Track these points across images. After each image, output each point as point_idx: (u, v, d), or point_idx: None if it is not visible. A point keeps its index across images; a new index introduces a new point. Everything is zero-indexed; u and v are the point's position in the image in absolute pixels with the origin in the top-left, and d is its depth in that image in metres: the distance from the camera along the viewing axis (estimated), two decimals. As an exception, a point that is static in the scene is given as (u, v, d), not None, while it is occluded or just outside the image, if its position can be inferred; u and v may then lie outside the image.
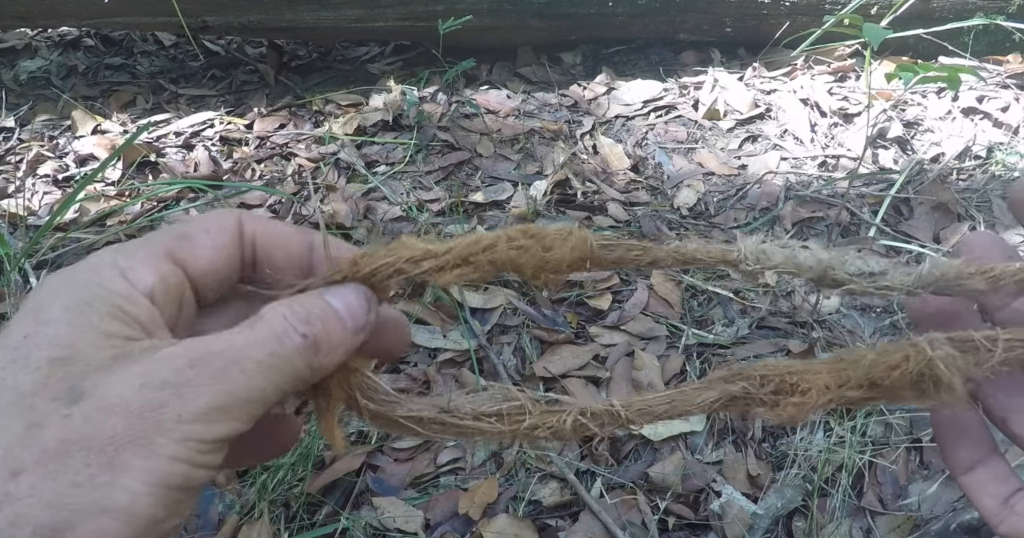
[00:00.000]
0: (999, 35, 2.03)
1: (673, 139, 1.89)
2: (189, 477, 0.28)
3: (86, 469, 0.27)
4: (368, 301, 0.36)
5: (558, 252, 0.36)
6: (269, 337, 0.32)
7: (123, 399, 0.28)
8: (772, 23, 2.08)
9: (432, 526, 1.08)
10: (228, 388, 0.30)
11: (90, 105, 2.10)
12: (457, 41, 1.95)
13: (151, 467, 0.27)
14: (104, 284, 0.31)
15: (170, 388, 0.29)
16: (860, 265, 0.37)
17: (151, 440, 0.28)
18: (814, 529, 1.06)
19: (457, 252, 0.36)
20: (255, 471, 1.13)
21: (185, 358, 0.30)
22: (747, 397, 0.36)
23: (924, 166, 1.73)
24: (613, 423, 0.37)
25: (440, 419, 0.36)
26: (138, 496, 0.27)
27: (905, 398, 0.36)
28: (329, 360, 0.34)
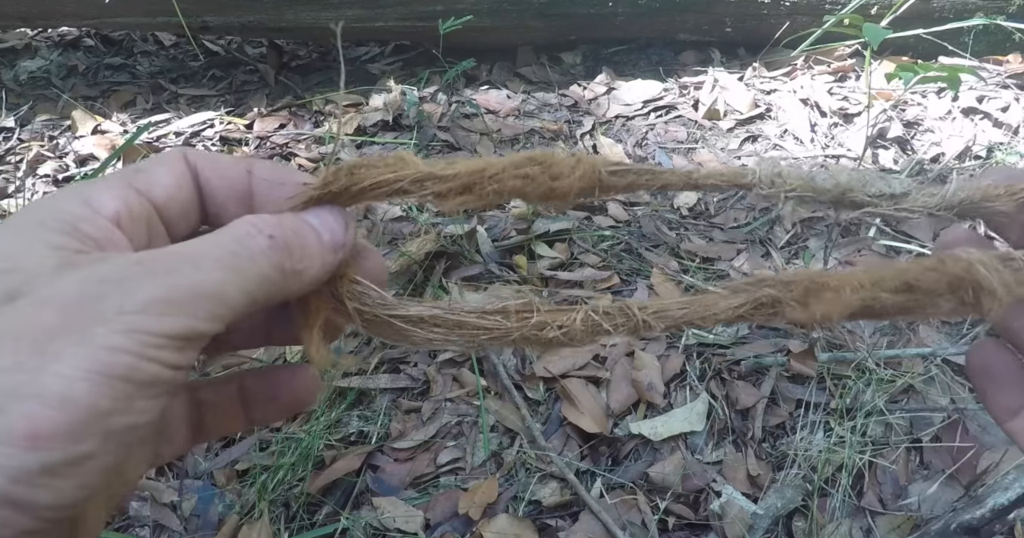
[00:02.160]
0: (999, 35, 2.03)
1: (673, 139, 1.89)
2: (137, 369, 0.26)
3: (12, 355, 0.25)
4: (344, 218, 0.35)
5: (566, 182, 0.35)
6: (230, 238, 0.30)
7: (59, 293, 0.27)
8: (772, 23, 2.08)
9: (432, 526, 1.08)
10: (176, 281, 0.28)
11: (90, 105, 2.10)
12: (457, 41, 1.95)
13: (87, 354, 0.26)
14: (60, 207, 0.30)
15: (111, 283, 0.27)
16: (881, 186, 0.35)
17: (88, 329, 0.26)
18: (814, 529, 1.06)
19: (462, 178, 0.34)
20: (255, 471, 1.13)
21: (135, 257, 0.29)
22: (774, 302, 0.34)
23: (924, 166, 1.73)
24: (627, 324, 0.34)
25: (440, 318, 0.34)
26: (72, 381, 0.25)
27: (942, 307, 0.34)
28: (304, 267, 0.32)
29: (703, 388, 1.24)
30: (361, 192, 0.34)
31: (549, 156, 0.35)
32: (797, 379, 1.25)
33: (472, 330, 0.34)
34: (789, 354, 1.27)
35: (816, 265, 1.44)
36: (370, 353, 1.31)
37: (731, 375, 1.26)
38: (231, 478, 1.15)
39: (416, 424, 1.22)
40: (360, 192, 0.34)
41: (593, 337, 0.35)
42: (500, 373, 1.25)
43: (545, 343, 0.34)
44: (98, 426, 0.26)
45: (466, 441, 1.19)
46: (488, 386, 1.26)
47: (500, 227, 1.55)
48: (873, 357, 1.24)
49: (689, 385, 1.25)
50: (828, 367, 1.24)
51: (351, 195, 0.35)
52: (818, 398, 1.21)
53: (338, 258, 0.34)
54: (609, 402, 1.22)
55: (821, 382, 1.24)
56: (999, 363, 0.39)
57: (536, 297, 0.35)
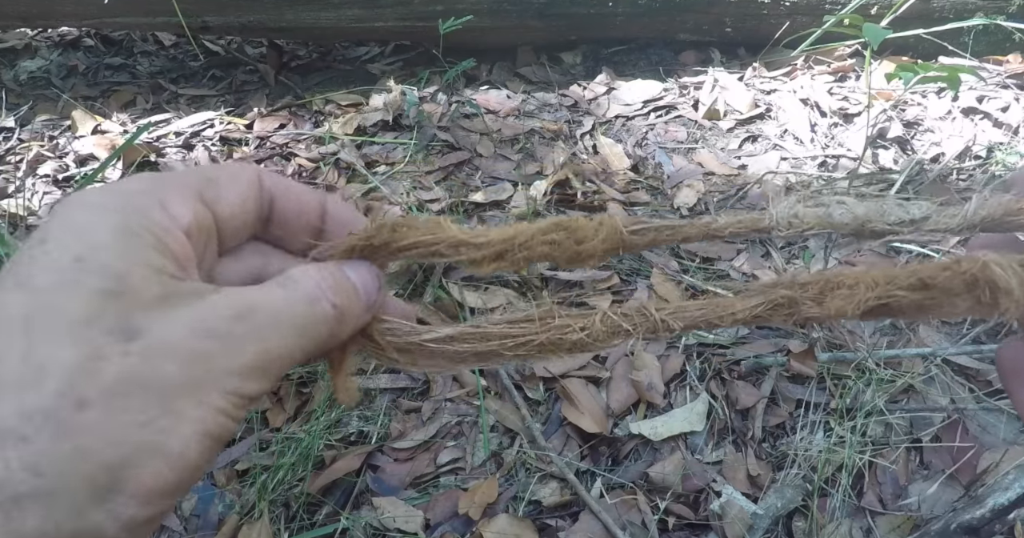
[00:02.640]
0: (999, 35, 2.03)
1: (673, 139, 1.89)
2: (227, 429, 0.29)
3: (147, 410, 0.27)
4: (379, 280, 0.36)
5: (590, 245, 0.36)
6: (304, 300, 0.32)
7: (177, 343, 0.28)
8: (772, 23, 2.08)
9: (432, 526, 1.08)
10: (268, 347, 0.30)
11: (90, 105, 2.10)
12: (457, 41, 1.95)
13: (201, 416, 0.28)
14: (147, 214, 0.30)
15: (217, 339, 0.29)
16: (900, 213, 0.35)
17: (202, 390, 0.28)
18: (814, 529, 1.06)
19: (494, 247, 0.36)
20: (255, 471, 1.13)
21: (232, 310, 0.30)
22: (791, 302, 0.35)
23: (924, 166, 1.73)
24: (646, 324, 0.36)
25: (468, 333, 0.36)
26: (189, 444, 0.27)
27: (959, 307, 0.34)
28: (347, 332, 0.35)
29: (703, 388, 1.24)
30: (399, 250, 0.36)
31: (573, 222, 0.37)
32: (797, 379, 1.25)
33: (500, 340, 0.36)
34: (789, 354, 1.27)
35: (816, 265, 1.44)
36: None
37: (731, 375, 1.26)
38: (231, 478, 1.15)
39: (416, 424, 1.22)
40: (398, 250, 0.36)
41: (614, 338, 0.36)
42: (500, 373, 1.25)
43: (569, 346, 0.36)
44: (191, 481, 0.28)
45: (466, 441, 1.19)
46: (488, 386, 1.26)
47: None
48: (873, 357, 1.24)
49: (689, 385, 1.25)
50: (828, 367, 1.24)
51: (389, 251, 0.36)
52: (818, 398, 1.21)
53: (369, 317, 0.36)
54: (609, 402, 1.22)
55: (821, 382, 1.24)
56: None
57: (554, 305, 0.36)
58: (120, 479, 0.26)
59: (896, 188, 1.63)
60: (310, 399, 1.25)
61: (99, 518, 0.26)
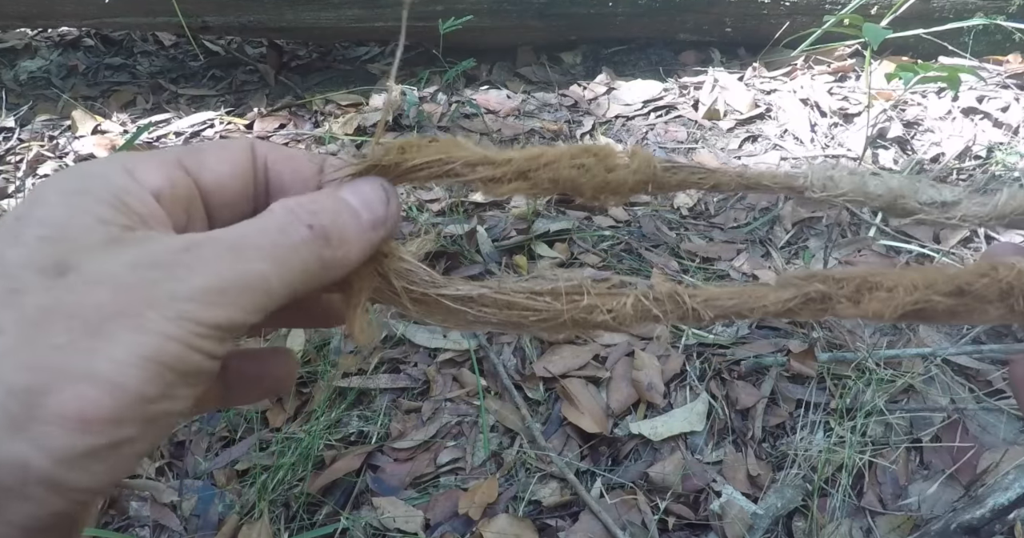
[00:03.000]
0: (999, 35, 2.03)
1: (673, 139, 1.89)
2: (183, 358, 0.26)
3: (67, 334, 0.25)
4: (387, 193, 0.34)
5: (621, 174, 0.34)
6: (272, 227, 0.30)
7: (112, 274, 0.27)
8: (772, 23, 2.08)
9: (432, 526, 1.08)
10: (224, 271, 0.28)
11: (90, 105, 2.10)
12: (457, 41, 1.95)
13: (139, 340, 0.26)
14: (106, 176, 0.30)
15: (163, 268, 0.27)
16: (932, 194, 0.35)
17: (141, 313, 0.26)
18: (814, 529, 1.06)
19: (517, 164, 0.33)
20: (255, 471, 1.13)
21: (182, 241, 0.28)
22: (824, 298, 0.34)
23: (924, 166, 1.73)
24: (677, 311, 0.34)
25: (489, 298, 0.33)
26: (123, 366, 0.25)
27: (991, 314, 0.33)
28: (344, 254, 0.32)
29: (703, 388, 1.24)
30: (410, 171, 0.34)
31: (605, 148, 0.34)
32: (797, 379, 1.25)
33: (521, 311, 0.33)
34: (789, 354, 1.27)
35: (816, 265, 1.44)
36: (370, 353, 1.31)
37: (731, 375, 1.26)
38: (231, 478, 1.15)
39: (416, 424, 1.22)
40: (409, 171, 0.34)
41: (642, 322, 0.34)
42: (500, 373, 1.25)
43: (594, 326, 0.34)
44: (141, 412, 0.26)
45: (466, 441, 1.19)
46: (488, 386, 1.26)
47: (500, 227, 1.55)
48: (873, 357, 1.24)
49: (689, 385, 1.25)
50: (828, 367, 1.24)
51: (398, 174, 0.34)
52: (818, 398, 1.21)
53: (380, 236, 0.33)
54: (609, 402, 1.22)
55: (821, 382, 1.24)
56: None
57: (587, 280, 0.34)
58: (35, 405, 0.24)
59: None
60: (310, 399, 1.25)
61: (20, 448, 0.24)
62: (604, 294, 0.34)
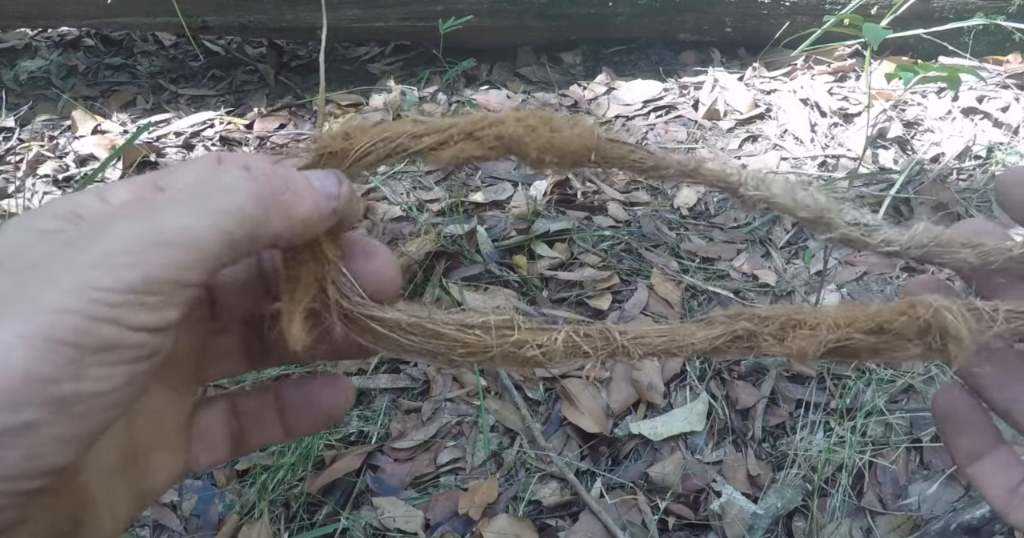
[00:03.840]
0: (999, 35, 2.03)
1: (673, 139, 1.89)
2: (86, 331, 0.24)
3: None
4: (336, 176, 0.33)
5: (565, 134, 0.35)
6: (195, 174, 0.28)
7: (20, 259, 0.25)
8: (772, 23, 2.08)
9: (432, 526, 1.08)
10: (135, 227, 0.25)
11: (90, 105, 2.10)
12: (457, 41, 1.95)
13: (28, 318, 0.24)
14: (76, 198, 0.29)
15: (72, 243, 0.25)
16: (856, 216, 0.37)
17: (37, 292, 0.24)
18: (814, 529, 1.06)
19: (462, 127, 0.34)
20: (255, 471, 1.13)
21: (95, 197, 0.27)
22: (751, 336, 0.35)
23: (924, 166, 1.73)
24: (607, 348, 0.34)
25: (418, 326, 0.33)
26: (8, 348, 0.23)
27: (911, 351, 0.35)
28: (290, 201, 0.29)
29: (703, 388, 1.24)
30: (360, 156, 0.33)
31: (549, 113, 0.35)
32: (797, 379, 1.25)
33: (450, 342, 0.33)
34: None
35: (816, 265, 1.44)
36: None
37: (731, 375, 1.26)
38: (231, 478, 1.15)
39: (416, 424, 1.22)
40: (359, 156, 0.33)
41: (572, 358, 0.34)
42: (500, 373, 1.25)
43: (523, 362, 0.34)
44: (40, 394, 0.24)
45: (466, 441, 1.19)
46: (488, 386, 1.26)
47: (500, 227, 1.55)
48: (873, 357, 1.23)
49: (689, 385, 1.25)
50: (828, 367, 1.24)
51: (351, 160, 0.34)
52: (818, 398, 1.21)
53: (332, 207, 0.32)
54: (609, 402, 1.22)
55: (821, 382, 1.24)
56: (963, 408, 0.39)
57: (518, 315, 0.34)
58: None
59: (896, 188, 1.63)
60: (310, 399, 1.25)
61: None
62: (535, 329, 0.34)
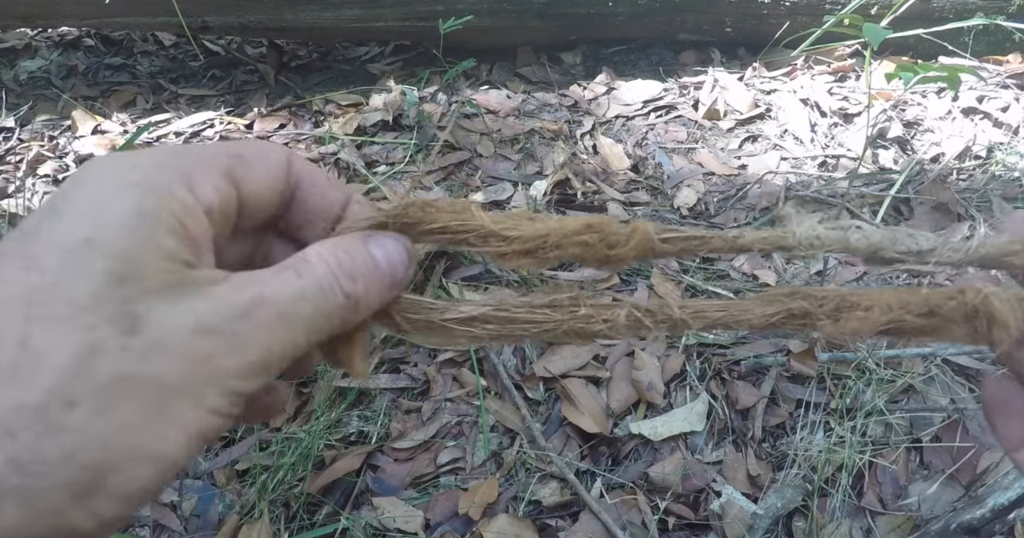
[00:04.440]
0: (999, 35, 2.03)
1: (673, 139, 1.89)
2: (219, 428, 0.28)
3: (137, 412, 0.26)
4: (409, 255, 0.35)
5: (621, 251, 0.36)
6: (316, 291, 0.30)
7: (179, 342, 0.27)
8: (772, 23, 2.08)
9: (432, 526, 1.08)
10: (273, 345, 0.29)
11: (90, 105, 2.10)
12: (457, 41, 1.95)
13: (196, 418, 0.27)
14: (171, 191, 0.29)
15: (221, 337, 0.28)
16: (909, 243, 0.37)
17: (199, 391, 0.27)
18: (814, 529, 1.06)
19: (525, 244, 0.35)
20: (255, 471, 1.13)
21: (239, 305, 0.29)
22: (806, 314, 0.36)
23: (924, 166, 1.73)
24: (667, 322, 0.36)
25: (492, 315, 0.35)
26: (178, 446, 0.27)
27: (957, 334, 0.36)
28: (363, 317, 0.33)
29: (703, 388, 1.24)
30: (427, 232, 0.35)
31: (606, 224, 0.37)
32: (797, 379, 1.25)
33: (523, 325, 0.35)
34: (789, 354, 1.27)
35: (816, 266, 1.44)
36: (370, 353, 1.31)
37: (731, 375, 1.26)
38: (231, 478, 1.15)
39: (416, 424, 1.22)
40: (426, 232, 0.35)
41: (635, 332, 0.37)
42: (500, 373, 1.25)
43: (589, 335, 0.36)
44: (173, 478, 0.29)
45: (466, 441, 1.19)
46: (488, 386, 1.26)
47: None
48: (873, 357, 1.24)
49: (689, 385, 1.25)
50: (828, 367, 1.24)
51: (417, 232, 0.35)
52: (818, 398, 1.21)
53: (393, 296, 0.34)
54: (609, 402, 1.22)
55: (821, 382, 1.24)
56: (1012, 396, 0.40)
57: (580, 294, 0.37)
58: (103, 481, 0.26)
59: (896, 188, 1.63)
60: (310, 399, 1.25)
61: (78, 517, 0.25)
62: (599, 305, 0.36)
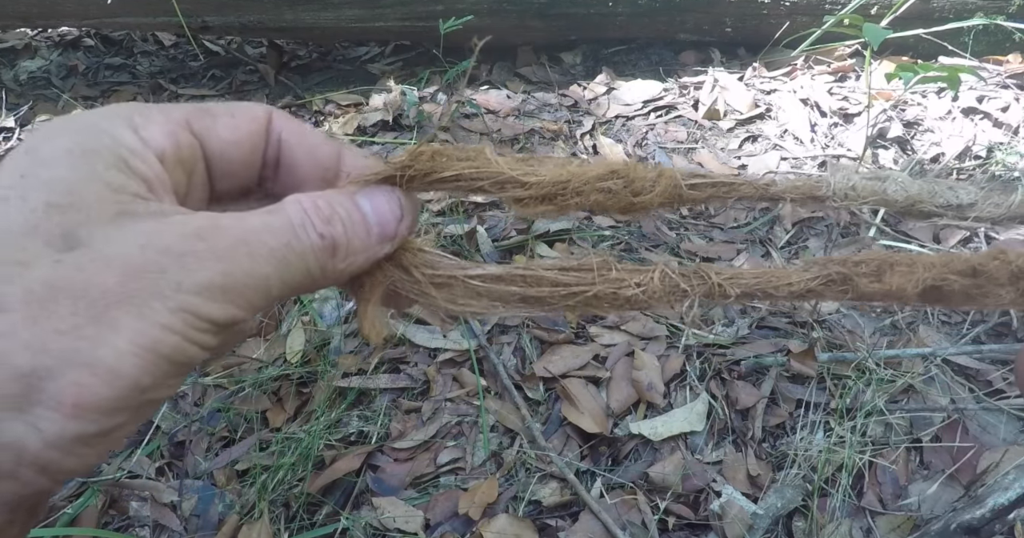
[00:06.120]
0: (999, 35, 2.03)
1: (673, 139, 1.89)
2: (180, 350, 0.27)
3: (71, 317, 0.25)
4: (401, 209, 0.34)
5: (647, 197, 0.35)
6: (285, 227, 0.30)
7: (121, 254, 0.26)
8: (772, 23, 2.08)
9: (432, 526, 1.08)
10: (232, 268, 0.28)
11: (90, 105, 2.10)
12: (457, 41, 1.95)
13: (142, 329, 0.26)
14: (112, 133, 0.29)
15: (173, 255, 0.27)
16: (949, 197, 0.36)
17: (145, 302, 0.26)
18: (814, 529, 1.06)
19: (544, 189, 0.34)
20: (255, 471, 1.13)
21: (193, 227, 0.28)
22: (845, 279, 0.35)
23: (924, 166, 1.73)
24: (703, 285, 0.34)
25: (518, 275, 0.33)
26: (123, 356, 0.25)
27: (1004, 297, 0.34)
28: (346, 266, 0.32)
29: (703, 388, 1.24)
30: (439, 181, 0.33)
31: (631, 169, 0.35)
32: (797, 379, 1.25)
33: (551, 287, 0.33)
34: (789, 354, 1.27)
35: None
36: (370, 353, 1.31)
37: (731, 375, 1.26)
38: (231, 478, 1.15)
39: (416, 424, 1.22)
40: (438, 181, 0.33)
41: (670, 298, 0.34)
42: (500, 373, 1.25)
43: (622, 302, 0.34)
44: (134, 401, 0.26)
45: (466, 441, 1.19)
46: (488, 386, 1.26)
47: (500, 227, 1.55)
48: (873, 357, 1.23)
49: (689, 385, 1.25)
50: (828, 367, 1.24)
51: (428, 182, 0.34)
52: (818, 398, 1.21)
53: (384, 250, 0.33)
54: (609, 402, 1.22)
55: (821, 382, 1.24)
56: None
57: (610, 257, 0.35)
58: (36, 388, 0.24)
59: (896, 188, 1.63)
60: (310, 399, 1.25)
61: (18, 429, 0.24)
62: (631, 269, 0.34)
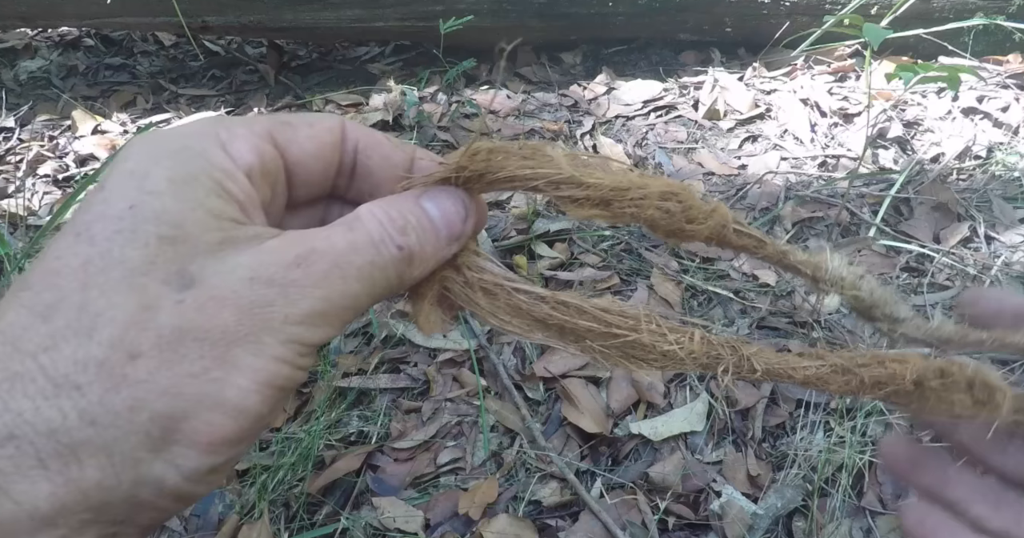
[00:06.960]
0: (999, 35, 2.03)
1: (673, 139, 1.89)
2: (291, 378, 0.29)
3: (200, 361, 0.27)
4: (466, 209, 0.34)
5: (697, 228, 0.35)
6: (368, 243, 0.31)
7: (233, 291, 0.28)
8: (772, 23, 2.08)
9: (432, 526, 1.08)
10: (329, 294, 0.29)
11: (90, 105, 2.10)
12: (457, 41, 1.95)
13: (260, 366, 0.28)
14: (207, 156, 0.30)
15: (277, 286, 0.28)
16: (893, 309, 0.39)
17: (259, 338, 0.28)
18: (814, 529, 1.06)
19: (602, 193, 0.33)
20: (255, 471, 1.13)
21: (291, 254, 0.29)
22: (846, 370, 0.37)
23: (924, 166, 1.73)
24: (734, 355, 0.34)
25: (563, 302, 0.33)
26: (247, 393, 0.27)
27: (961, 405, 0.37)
28: (420, 272, 0.33)
29: (703, 388, 1.24)
30: (495, 181, 0.33)
31: (688, 196, 0.35)
32: (797, 379, 1.25)
33: (592, 322, 0.33)
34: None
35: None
36: (370, 353, 1.31)
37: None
38: (231, 478, 1.15)
39: (416, 424, 1.22)
40: (494, 181, 0.33)
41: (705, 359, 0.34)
42: (500, 373, 1.25)
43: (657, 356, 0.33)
44: (256, 430, 0.29)
45: (466, 441, 1.19)
46: (488, 386, 1.26)
47: (500, 227, 1.55)
48: (873, 357, 1.23)
49: (689, 385, 1.25)
50: (828, 367, 1.24)
51: (485, 182, 0.34)
52: (818, 398, 1.21)
53: (452, 251, 0.34)
54: (609, 402, 1.22)
55: (821, 382, 1.24)
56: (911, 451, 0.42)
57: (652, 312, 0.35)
58: (175, 430, 0.26)
59: (896, 188, 1.63)
60: (310, 399, 1.25)
61: (158, 468, 0.26)
62: (674, 327, 0.34)
